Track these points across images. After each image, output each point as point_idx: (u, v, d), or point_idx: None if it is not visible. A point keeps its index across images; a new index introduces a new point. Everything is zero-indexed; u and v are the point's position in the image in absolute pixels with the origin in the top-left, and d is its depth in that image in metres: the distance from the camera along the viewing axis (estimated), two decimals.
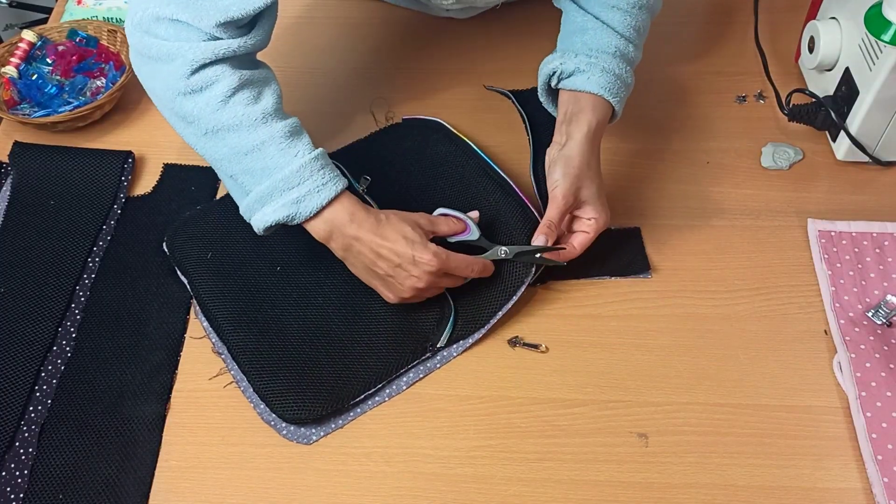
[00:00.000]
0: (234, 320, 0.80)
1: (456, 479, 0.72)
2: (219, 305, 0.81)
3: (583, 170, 0.79)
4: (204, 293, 0.82)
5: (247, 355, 0.78)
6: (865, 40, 0.86)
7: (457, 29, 1.10)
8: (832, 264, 0.84)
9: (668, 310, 0.82)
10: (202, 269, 0.84)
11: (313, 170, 0.75)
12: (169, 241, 0.86)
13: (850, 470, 0.72)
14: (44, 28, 1.05)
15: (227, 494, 0.71)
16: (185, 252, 0.85)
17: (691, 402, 0.76)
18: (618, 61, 0.82)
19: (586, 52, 0.82)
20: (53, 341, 0.80)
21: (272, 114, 0.76)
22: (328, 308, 0.81)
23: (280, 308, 0.81)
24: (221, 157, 0.77)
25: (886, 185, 0.93)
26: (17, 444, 0.74)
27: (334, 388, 0.76)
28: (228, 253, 0.85)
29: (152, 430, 0.75)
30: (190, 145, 0.80)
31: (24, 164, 0.93)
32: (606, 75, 0.80)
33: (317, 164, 0.75)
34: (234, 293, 0.82)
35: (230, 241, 0.86)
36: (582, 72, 0.81)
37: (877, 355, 0.77)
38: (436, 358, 0.79)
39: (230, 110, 0.75)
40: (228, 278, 0.83)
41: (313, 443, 0.74)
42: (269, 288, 0.82)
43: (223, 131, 0.76)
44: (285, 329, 0.79)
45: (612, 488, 0.71)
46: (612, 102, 0.81)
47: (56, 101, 0.97)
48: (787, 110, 0.95)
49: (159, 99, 0.79)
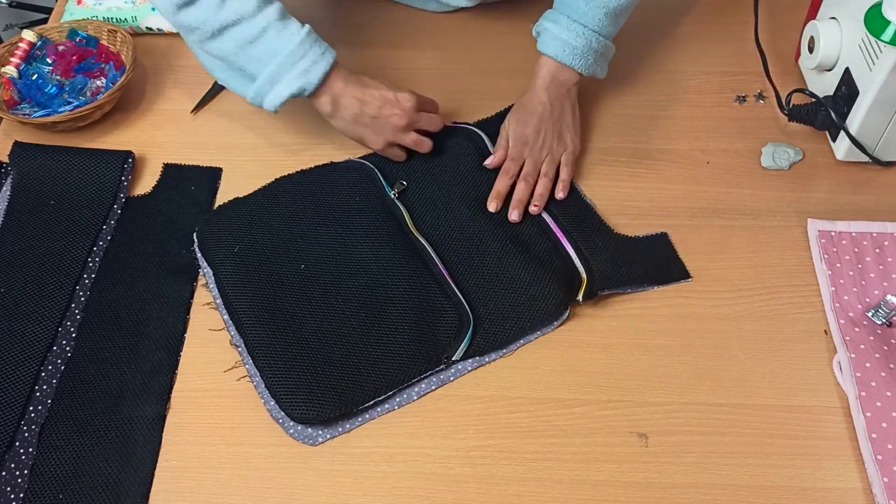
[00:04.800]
0: (254, 315, 0.80)
1: (456, 479, 0.72)
2: (241, 299, 0.81)
3: (526, 107, 0.91)
4: (228, 286, 0.82)
5: (262, 350, 0.78)
6: (865, 40, 0.86)
7: (460, 27, 1.10)
8: (832, 264, 0.84)
9: (668, 310, 0.82)
10: (228, 261, 0.84)
11: (311, 42, 0.85)
12: (199, 231, 0.87)
13: (850, 470, 0.72)
14: (44, 28, 1.05)
15: (227, 494, 0.71)
16: (215, 243, 0.86)
17: (691, 402, 0.76)
18: (574, 26, 0.90)
19: (552, 18, 0.92)
20: (53, 341, 0.80)
21: (263, 1, 0.84)
22: (348, 311, 0.81)
23: (300, 307, 0.81)
24: (227, 52, 0.85)
25: (886, 185, 0.93)
26: (17, 444, 0.74)
27: (345, 391, 0.75)
28: (255, 247, 0.85)
29: (152, 430, 0.75)
30: (195, 53, 0.91)
31: (24, 164, 0.93)
32: (557, 41, 0.90)
33: (311, 38, 0.85)
34: (258, 288, 0.82)
35: (258, 235, 0.86)
36: (539, 35, 0.93)
37: (877, 355, 0.77)
38: (450, 370, 0.78)
39: (231, 6, 0.83)
40: (253, 273, 0.83)
41: (318, 444, 0.74)
42: (292, 286, 0.82)
43: (228, 27, 0.83)
44: (303, 328, 0.79)
45: (612, 488, 0.71)
46: (565, 63, 0.91)
47: (56, 101, 0.97)
48: (787, 110, 0.95)
49: (164, 15, 0.86)
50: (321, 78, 0.85)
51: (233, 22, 0.83)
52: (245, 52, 0.84)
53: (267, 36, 0.83)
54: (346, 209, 0.88)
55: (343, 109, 0.87)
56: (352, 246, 0.85)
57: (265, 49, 0.84)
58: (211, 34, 0.84)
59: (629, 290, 0.83)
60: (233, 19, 0.83)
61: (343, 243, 0.85)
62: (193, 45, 0.89)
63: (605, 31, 0.92)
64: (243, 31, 0.83)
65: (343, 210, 0.88)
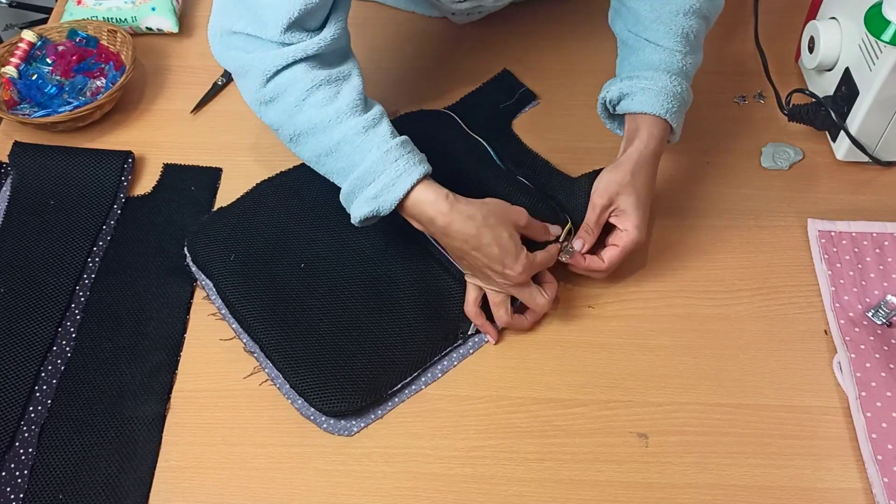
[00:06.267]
0: (263, 319, 0.80)
1: (456, 479, 0.72)
2: (247, 306, 0.81)
3: (626, 178, 0.78)
4: (231, 295, 0.82)
5: (280, 353, 0.78)
6: (865, 40, 0.86)
7: (459, 30, 1.10)
8: (832, 264, 0.84)
9: (668, 310, 0.82)
10: (226, 271, 0.83)
11: (387, 161, 0.73)
12: (189, 245, 0.86)
13: (850, 470, 0.72)
14: (44, 28, 1.05)
15: (227, 494, 0.71)
16: (208, 255, 0.85)
17: (691, 402, 0.76)
18: (661, 75, 0.80)
19: (630, 75, 0.82)
20: (53, 341, 0.80)
21: (347, 111, 0.75)
22: (357, 302, 0.81)
23: (308, 304, 0.81)
24: (309, 160, 0.79)
25: (886, 185, 0.93)
26: (17, 444, 0.74)
27: (371, 378, 0.76)
28: (251, 253, 0.85)
29: (152, 430, 0.75)
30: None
31: (24, 164, 0.93)
32: (648, 93, 0.80)
33: (391, 156, 0.74)
34: (261, 293, 0.82)
35: (251, 241, 0.86)
36: (626, 95, 0.81)
37: (877, 355, 0.77)
38: (468, 344, 0.80)
39: (305, 114, 0.75)
40: (254, 278, 0.83)
41: (354, 434, 0.74)
42: (296, 285, 0.82)
43: (303, 136, 0.77)
44: (316, 324, 0.80)
45: (612, 488, 0.71)
46: (663, 117, 0.80)
47: (56, 101, 0.97)
48: (787, 110, 0.95)
49: (250, 109, 0.80)
50: (393, 204, 0.74)
51: (307, 131, 0.76)
52: (323, 164, 0.78)
53: (342, 151, 0.75)
54: (334, 203, 0.85)
55: (447, 243, 0.76)
56: (347, 238, 0.85)
57: (341, 164, 0.76)
58: (289, 138, 0.78)
59: None
60: (308, 127, 0.76)
61: (338, 236, 0.85)
62: (284, 144, 0.81)
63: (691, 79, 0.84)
64: (318, 142, 0.76)
65: (331, 205, 0.85)
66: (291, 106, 0.76)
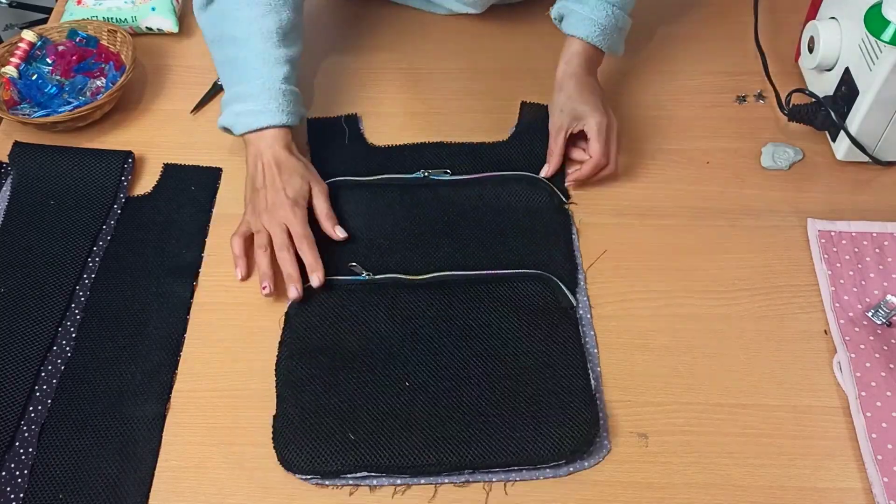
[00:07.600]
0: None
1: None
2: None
3: (558, 100, 0.91)
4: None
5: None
6: (865, 40, 0.86)
7: (460, 29, 1.10)
8: (832, 264, 0.84)
9: (668, 310, 0.82)
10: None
11: (264, 98, 0.85)
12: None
13: (850, 470, 0.72)
14: (44, 28, 1.05)
15: (227, 494, 0.71)
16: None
17: (691, 402, 0.76)
18: (601, 4, 0.91)
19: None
20: (53, 341, 0.80)
21: (262, 37, 0.86)
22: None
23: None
24: (217, 61, 0.90)
25: (886, 185, 0.93)
26: (17, 444, 0.74)
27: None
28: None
29: (152, 430, 0.75)
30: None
31: (24, 164, 0.93)
32: (574, 16, 0.91)
33: (270, 94, 0.85)
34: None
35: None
36: (563, 17, 0.93)
37: (877, 355, 0.77)
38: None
39: (228, 23, 0.87)
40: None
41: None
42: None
43: (222, 41, 0.88)
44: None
45: (612, 488, 0.71)
46: (585, 40, 0.91)
47: (56, 101, 0.97)
48: (787, 110, 0.95)
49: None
50: (242, 132, 0.87)
51: (226, 38, 0.88)
52: (224, 71, 0.90)
53: (241, 64, 0.87)
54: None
55: (253, 167, 0.86)
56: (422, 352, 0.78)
57: (238, 75, 0.88)
58: (210, 41, 0.89)
59: None
60: (228, 36, 0.88)
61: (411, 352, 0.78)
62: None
63: (628, 7, 0.94)
64: (230, 50, 0.88)
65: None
66: (222, 11, 0.87)
